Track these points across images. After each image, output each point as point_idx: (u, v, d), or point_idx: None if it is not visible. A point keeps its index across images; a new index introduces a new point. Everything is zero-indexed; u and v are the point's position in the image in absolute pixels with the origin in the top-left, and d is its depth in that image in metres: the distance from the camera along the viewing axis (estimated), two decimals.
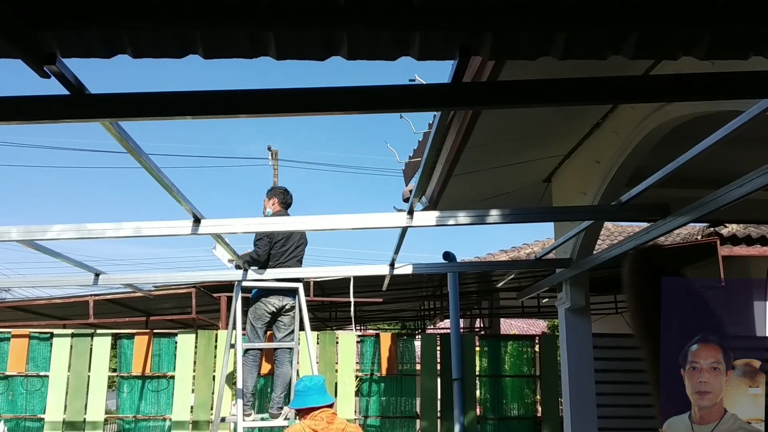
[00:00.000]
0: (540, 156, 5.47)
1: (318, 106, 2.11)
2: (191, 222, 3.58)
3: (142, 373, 6.88)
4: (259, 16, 1.91)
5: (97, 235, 3.57)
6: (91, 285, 5.35)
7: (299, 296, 5.60)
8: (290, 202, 5.92)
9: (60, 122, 2.02)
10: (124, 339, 7.01)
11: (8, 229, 3.55)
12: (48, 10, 1.88)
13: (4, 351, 6.87)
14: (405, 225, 3.59)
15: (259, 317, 5.59)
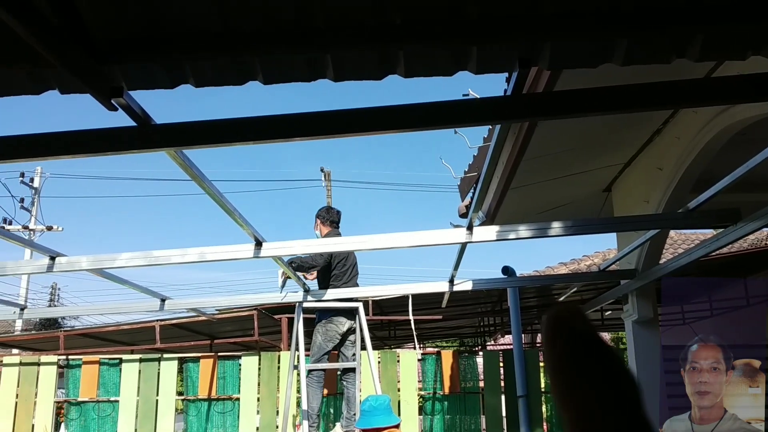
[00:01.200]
0: (599, 165, 5.36)
1: (378, 124, 2.11)
2: (253, 245, 3.62)
3: (209, 395, 6.98)
4: (315, 40, 1.93)
5: (164, 262, 3.66)
6: (157, 310, 5.48)
7: (359, 316, 5.59)
8: (335, 219, 5.91)
9: (128, 153, 2.08)
10: (190, 363, 7.14)
11: (79, 258, 3.67)
12: (113, 46, 1.94)
13: (76, 377, 7.08)
14: (465, 241, 3.55)
15: (330, 338, 5.60)
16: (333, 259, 5.57)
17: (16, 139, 2.04)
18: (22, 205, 22.94)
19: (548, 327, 0.52)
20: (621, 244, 5.78)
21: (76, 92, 2.11)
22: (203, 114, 42.20)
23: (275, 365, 6.98)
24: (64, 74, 2.03)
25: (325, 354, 5.65)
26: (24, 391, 6.97)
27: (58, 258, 3.64)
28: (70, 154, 2.05)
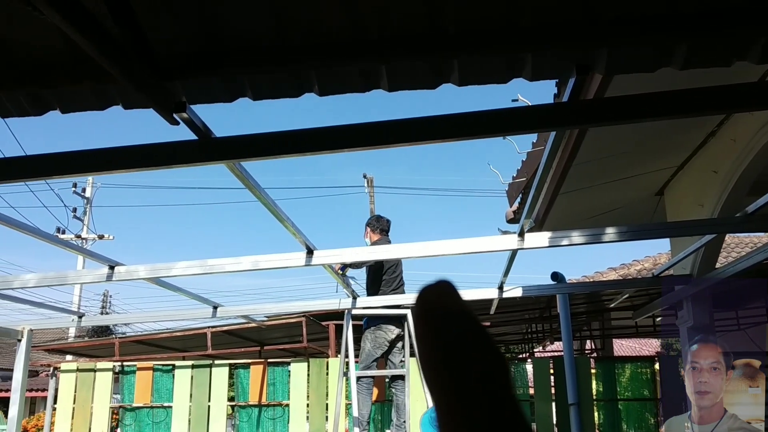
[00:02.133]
0: (651, 169, 5.27)
1: (432, 134, 2.11)
2: (305, 253, 3.67)
3: (259, 401, 7.06)
4: (370, 51, 1.96)
5: (218, 270, 3.73)
6: (209, 317, 5.59)
7: (408, 323, 5.60)
8: (385, 227, 5.93)
9: (189, 166, 2.13)
10: (241, 369, 7.24)
11: (137, 267, 3.76)
12: (175, 62, 2.00)
13: (130, 383, 7.25)
14: (516, 247, 3.53)
15: (379, 345, 5.63)
16: (384, 266, 5.59)
17: (89, 155, 2.11)
18: (74, 214, 23.62)
19: (416, 310, 0.49)
20: (675, 248, 5.65)
21: (139, 107, 2.18)
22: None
23: (324, 372, 7.03)
24: (128, 90, 2.11)
25: (373, 361, 5.67)
26: (81, 396, 7.17)
27: (117, 267, 3.74)
28: (137, 167, 2.11)
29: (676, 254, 4.95)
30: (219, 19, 1.93)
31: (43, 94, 2.13)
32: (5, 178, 2.36)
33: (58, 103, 2.16)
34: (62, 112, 2.19)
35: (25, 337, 5.22)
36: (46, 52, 2.04)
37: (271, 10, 1.86)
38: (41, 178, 2.37)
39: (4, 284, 3.86)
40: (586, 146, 4.02)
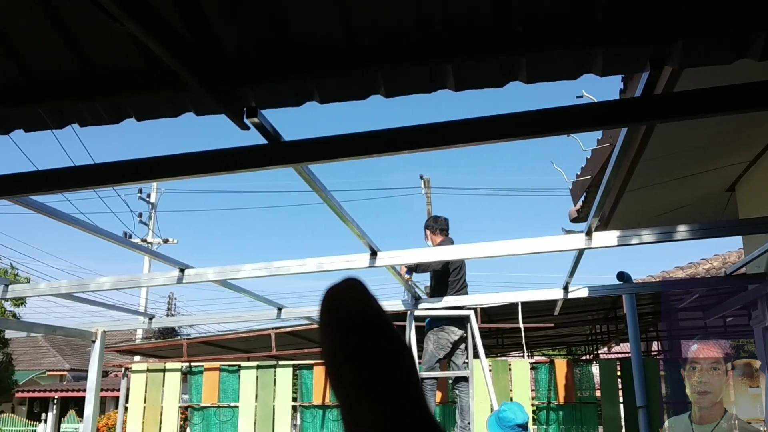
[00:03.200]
0: (721, 164, 5.08)
1: (498, 133, 2.09)
2: (368, 255, 3.69)
3: (322, 402, 7.15)
4: (438, 51, 1.95)
5: (284, 272, 3.79)
6: (273, 319, 5.68)
7: (471, 324, 5.56)
8: (444, 226, 5.90)
9: (259, 170, 2.17)
10: (304, 370, 7.34)
11: (206, 270, 3.86)
12: (245, 68, 2.05)
13: (198, 383, 7.44)
14: (584, 247, 3.46)
15: (442, 347, 5.61)
16: (449, 268, 5.57)
17: (164, 161, 2.18)
18: (140, 219, 24.38)
19: (322, 308, 0.46)
20: (748, 246, 5.45)
21: (211, 113, 2.23)
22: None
23: None
24: (200, 97, 2.16)
25: (436, 362, 5.66)
26: (151, 396, 7.40)
27: (187, 270, 3.84)
28: (209, 172, 2.17)
29: (750, 252, 4.77)
30: (288, 24, 1.96)
31: (119, 102, 2.21)
32: (85, 185, 2.45)
33: (134, 111, 2.23)
34: (137, 120, 2.26)
35: (99, 338, 5.41)
36: (122, 62, 2.11)
37: (340, 14, 1.88)
38: (120, 185, 2.45)
39: (80, 287, 4.01)
40: (654, 142, 3.91)
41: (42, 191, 2.35)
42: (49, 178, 2.31)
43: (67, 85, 2.14)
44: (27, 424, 23.30)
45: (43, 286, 4.05)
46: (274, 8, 1.91)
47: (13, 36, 2.06)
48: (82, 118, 2.25)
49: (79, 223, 2.95)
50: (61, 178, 2.32)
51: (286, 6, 1.90)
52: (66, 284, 3.96)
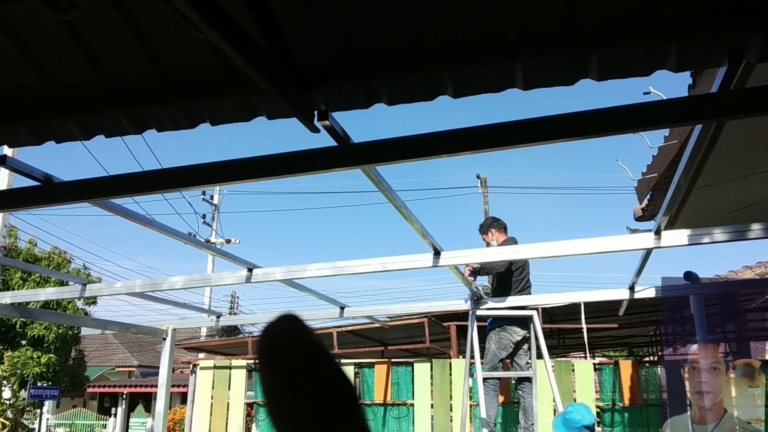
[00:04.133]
0: None
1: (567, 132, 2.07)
2: (432, 255, 3.70)
3: (384, 400, 7.19)
4: (506, 51, 1.95)
5: (348, 272, 3.84)
6: (336, 318, 5.75)
7: (534, 324, 5.51)
8: (505, 225, 5.87)
9: (329, 171, 2.21)
10: (366, 368, 7.40)
11: (273, 270, 3.94)
12: (315, 71, 2.09)
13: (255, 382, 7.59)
14: (652, 246, 3.39)
15: (504, 347, 5.58)
16: (512, 267, 5.54)
17: (236, 164, 2.25)
18: (204, 220, 24.99)
19: (259, 348, 0.46)
20: None
21: (281, 117, 2.28)
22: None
23: (447, 372, 7.05)
24: (272, 101, 2.22)
25: (499, 362, 5.63)
26: (218, 392, 7.59)
27: (254, 270, 3.94)
28: (279, 175, 2.22)
29: None
30: (356, 27, 1.99)
31: (195, 107, 2.28)
32: (161, 188, 2.55)
33: (208, 115, 2.30)
34: (212, 124, 2.33)
35: (170, 336, 5.59)
36: (198, 68, 2.19)
37: (408, 17, 1.91)
38: (192, 188, 2.53)
39: (154, 286, 4.16)
40: (725, 138, 3.79)
41: (122, 194, 2.45)
42: (129, 182, 2.42)
43: (146, 92, 2.23)
44: (98, 418, 24.23)
45: (119, 285, 4.21)
46: (343, 12, 1.94)
47: (95, 46, 2.16)
48: (160, 123, 2.34)
49: (155, 224, 3.06)
50: (140, 182, 2.42)
51: (354, 10, 1.94)
52: (140, 283, 4.12)
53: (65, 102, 2.32)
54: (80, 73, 2.25)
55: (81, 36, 2.13)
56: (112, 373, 27.07)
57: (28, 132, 2.43)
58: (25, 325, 14.63)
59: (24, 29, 2.14)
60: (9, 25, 2.11)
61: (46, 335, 14.83)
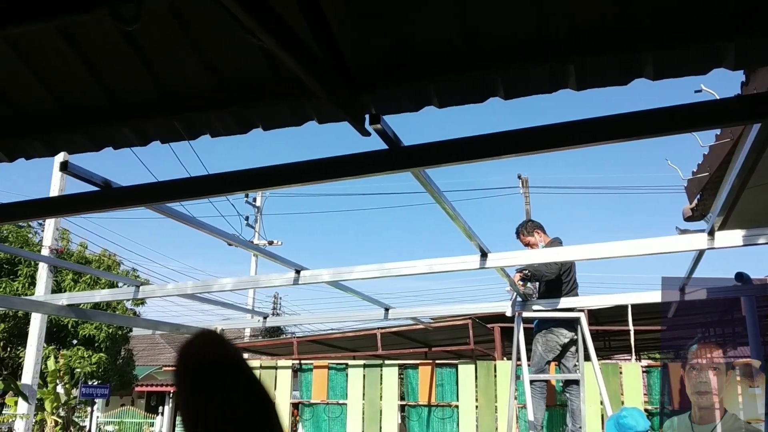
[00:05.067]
0: None
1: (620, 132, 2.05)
2: (479, 256, 3.69)
3: (428, 402, 7.19)
4: (558, 51, 1.94)
5: (394, 274, 3.85)
6: (380, 319, 5.77)
7: (581, 326, 5.44)
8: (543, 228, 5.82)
9: (380, 174, 2.23)
10: (410, 369, 7.41)
11: (320, 271, 3.98)
12: (366, 76, 2.11)
13: (308, 381, 7.67)
14: (705, 247, 3.32)
15: (550, 349, 5.53)
16: (561, 269, 5.48)
17: (288, 168, 2.28)
18: (247, 222, 25.31)
19: (177, 363, 0.44)
20: None
21: (332, 121, 2.31)
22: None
23: (491, 374, 7.01)
24: (322, 105, 2.24)
25: (546, 364, 5.57)
26: None
27: (302, 271, 3.98)
28: (331, 178, 2.25)
29: None
30: (408, 32, 2.01)
31: (248, 113, 2.33)
32: (212, 193, 2.60)
33: (261, 120, 2.34)
34: (264, 129, 2.37)
35: None
36: (251, 75, 2.23)
37: (460, 20, 1.91)
38: (243, 192, 2.58)
39: (204, 288, 4.24)
40: None
41: (178, 199, 2.51)
42: (185, 187, 2.47)
43: (201, 98, 2.28)
44: (145, 416, 24.77)
45: (170, 287, 4.30)
46: (394, 16, 1.96)
47: (152, 55, 2.22)
48: (214, 129, 2.39)
49: (206, 227, 3.13)
50: (195, 186, 2.47)
51: (406, 13, 1.95)
52: (191, 285, 4.20)
53: (123, 109, 2.39)
54: (137, 81, 2.31)
55: (139, 45, 2.19)
56: (159, 373, 27.61)
57: (88, 139, 2.51)
58: (77, 324, 15.05)
59: (86, 40, 2.21)
60: (72, 35, 2.19)
61: (96, 335, 15.22)
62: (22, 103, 2.48)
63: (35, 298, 5.17)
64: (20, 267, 15.08)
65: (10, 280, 14.88)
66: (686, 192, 5.59)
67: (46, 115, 2.46)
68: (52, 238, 11.76)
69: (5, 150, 2.66)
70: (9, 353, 14.53)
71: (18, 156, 2.68)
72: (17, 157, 2.68)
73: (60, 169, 2.36)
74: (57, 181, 11.57)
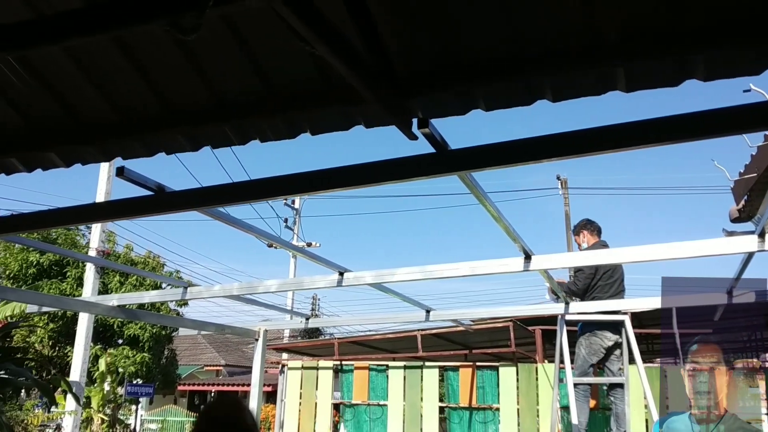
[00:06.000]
0: None
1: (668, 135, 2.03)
2: (522, 259, 3.67)
3: (469, 404, 7.18)
4: (608, 54, 1.94)
5: (437, 276, 3.86)
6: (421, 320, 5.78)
7: (626, 329, 5.37)
8: (599, 229, 5.76)
9: (427, 178, 2.25)
10: (450, 371, 7.41)
11: (364, 273, 4.01)
12: (414, 81, 2.14)
13: (349, 381, 7.72)
14: (755, 249, 3.25)
15: (594, 352, 5.48)
16: (598, 271, 5.43)
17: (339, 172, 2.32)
18: (286, 224, 25.55)
19: (199, 421, 0.46)
20: None
21: (380, 125, 2.34)
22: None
23: (533, 377, 6.96)
24: (369, 110, 2.28)
25: (589, 367, 5.52)
26: (306, 392, 7.77)
27: (346, 273, 4.02)
28: (378, 182, 2.28)
29: None
30: (455, 38, 2.02)
31: (296, 118, 2.37)
32: (262, 197, 2.65)
33: (309, 126, 2.38)
34: (311, 134, 2.41)
35: (261, 337, 5.77)
36: (301, 81, 2.27)
37: (509, 24, 1.92)
38: (292, 196, 2.62)
39: (250, 289, 4.31)
40: None
41: (230, 203, 2.56)
42: (235, 191, 2.53)
43: (252, 104, 2.34)
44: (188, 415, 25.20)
45: (217, 288, 4.39)
46: (443, 21, 1.98)
47: (205, 64, 2.29)
48: (263, 134, 2.44)
49: (255, 231, 3.19)
50: (246, 190, 2.53)
51: (454, 19, 1.97)
52: (237, 286, 4.28)
53: (176, 116, 2.46)
54: (190, 88, 2.37)
55: (193, 54, 2.25)
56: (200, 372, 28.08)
57: (142, 145, 2.59)
58: (122, 324, 15.40)
59: (141, 49, 2.28)
60: (128, 46, 2.26)
61: (141, 335, 15.55)
62: (81, 111, 2.57)
63: (88, 299, 5.33)
64: (68, 269, 15.51)
65: (58, 282, 15.31)
66: (733, 193, 5.50)
67: (103, 123, 2.55)
68: (98, 240, 12.06)
69: (62, 156, 2.75)
70: (57, 352, 14.94)
71: (74, 162, 2.77)
72: (74, 162, 2.78)
73: (116, 175, 2.43)
74: (103, 185, 11.86)
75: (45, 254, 15.32)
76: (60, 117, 2.60)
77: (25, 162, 2.81)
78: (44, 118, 2.65)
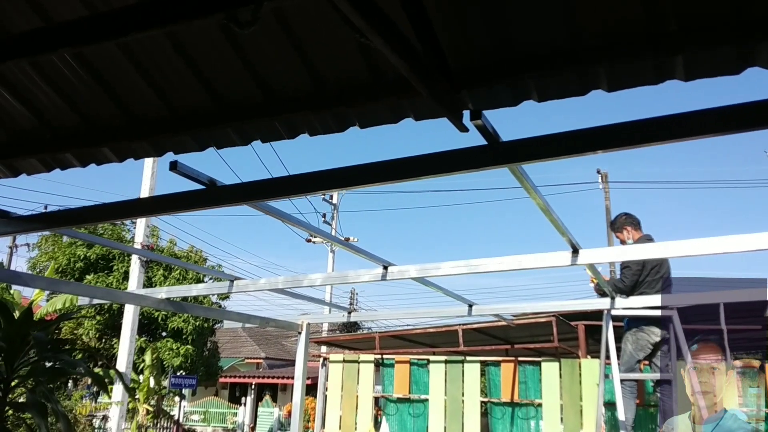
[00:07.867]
0: None
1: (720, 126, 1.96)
2: (570, 253, 3.62)
3: (511, 399, 7.12)
4: (665, 44, 1.90)
5: (482, 270, 3.83)
6: (464, 315, 5.75)
7: (674, 324, 5.26)
8: (639, 221, 5.64)
9: (479, 170, 2.23)
10: (491, 366, 7.36)
11: (408, 267, 4.01)
12: (466, 74, 2.12)
13: (390, 375, 7.73)
14: None
15: (641, 348, 5.39)
16: (645, 267, 5.32)
17: (388, 165, 2.32)
18: (324, 219, 25.69)
19: None
20: None
21: (429, 118, 2.33)
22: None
23: (576, 373, 6.88)
24: (418, 103, 2.27)
25: (636, 363, 5.43)
26: (347, 386, 7.81)
27: (390, 267, 4.02)
28: (430, 174, 2.27)
29: None
30: (509, 30, 2.00)
31: (345, 112, 2.37)
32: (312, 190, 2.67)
33: (358, 119, 2.38)
34: (360, 127, 2.41)
35: (304, 330, 5.81)
36: (350, 76, 2.28)
37: (564, 15, 1.89)
38: (342, 189, 2.63)
39: (295, 283, 4.34)
40: None
41: (279, 197, 2.59)
42: (284, 185, 2.56)
43: (302, 99, 2.35)
44: (229, 406, 25.60)
45: (263, 281, 4.43)
46: (497, 14, 1.96)
47: (256, 59, 2.30)
48: (312, 128, 2.45)
49: (302, 224, 3.22)
50: (294, 184, 2.55)
51: (509, 12, 1.95)
52: (282, 280, 4.32)
53: (227, 111, 2.49)
54: (241, 84, 2.40)
55: (244, 50, 2.27)
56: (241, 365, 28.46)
57: (193, 140, 2.62)
58: (166, 317, 15.70)
59: (193, 46, 2.31)
60: (181, 43, 2.29)
61: (184, 327, 15.83)
62: (134, 107, 2.61)
63: (138, 292, 5.44)
64: (114, 263, 15.86)
65: (105, 275, 15.67)
66: None
67: (155, 119, 2.59)
68: (143, 234, 12.30)
69: (116, 151, 2.81)
70: (104, 344, 15.30)
71: (127, 157, 2.83)
72: (126, 157, 2.83)
73: (170, 169, 2.47)
74: (147, 181, 12.07)
75: (92, 248, 15.69)
76: (114, 113, 2.65)
77: (80, 157, 2.87)
78: (99, 115, 2.70)
